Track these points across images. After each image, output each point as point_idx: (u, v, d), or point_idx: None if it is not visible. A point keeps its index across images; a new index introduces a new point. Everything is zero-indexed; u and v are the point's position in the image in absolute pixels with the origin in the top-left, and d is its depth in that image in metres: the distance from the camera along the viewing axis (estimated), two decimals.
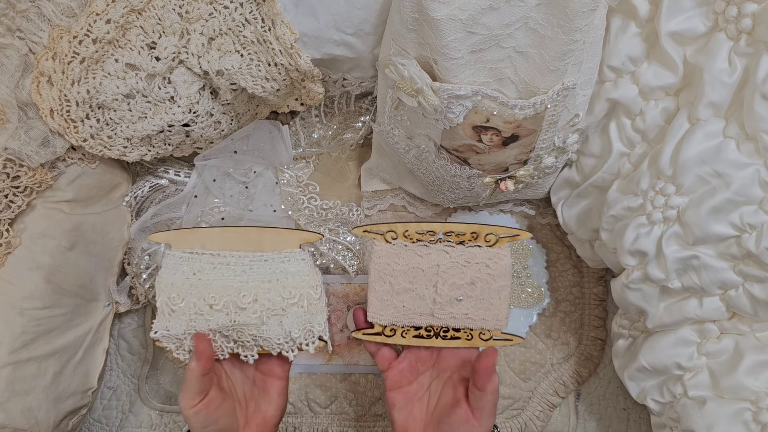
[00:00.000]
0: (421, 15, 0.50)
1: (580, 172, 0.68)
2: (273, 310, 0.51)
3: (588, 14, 0.49)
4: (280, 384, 0.55)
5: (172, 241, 0.53)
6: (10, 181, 0.58)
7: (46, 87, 0.58)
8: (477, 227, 0.51)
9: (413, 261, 0.51)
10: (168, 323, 0.52)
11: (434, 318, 0.53)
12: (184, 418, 0.51)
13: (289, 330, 0.52)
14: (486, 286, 0.51)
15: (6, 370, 0.57)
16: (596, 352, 0.78)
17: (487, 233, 0.51)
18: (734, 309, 0.54)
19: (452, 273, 0.51)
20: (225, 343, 0.53)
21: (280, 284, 0.52)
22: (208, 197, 0.78)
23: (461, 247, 0.51)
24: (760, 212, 0.49)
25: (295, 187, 0.80)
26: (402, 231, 0.52)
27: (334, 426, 0.78)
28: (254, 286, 0.52)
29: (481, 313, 0.52)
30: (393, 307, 0.52)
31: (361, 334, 0.54)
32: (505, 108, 0.54)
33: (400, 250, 0.51)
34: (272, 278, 0.52)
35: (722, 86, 0.49)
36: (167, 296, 0.52)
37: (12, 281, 0.60)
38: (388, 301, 0.52)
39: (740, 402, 0.53)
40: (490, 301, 0.52)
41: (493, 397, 0.49)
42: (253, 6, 0.56)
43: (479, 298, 0.52)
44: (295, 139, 0.78)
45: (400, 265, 0.51)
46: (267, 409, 0.55)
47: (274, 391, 0.55)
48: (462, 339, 0.53)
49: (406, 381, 0.55)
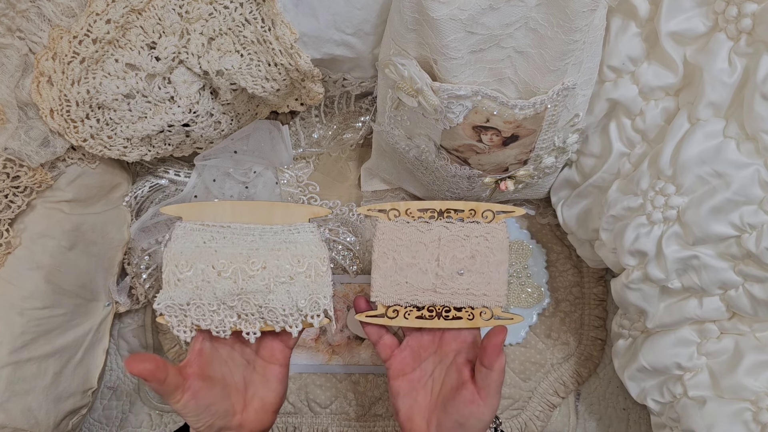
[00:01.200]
0: (421, 15, 0.50)
1: (580, 172, 0.68)
2: (280, 277, 0.53)
3: (588, 14, 0.49)
4: (280, 371, 0.55)
5: (184, 213, 0.54)
6: (10, 181, 0.58)
7: (46, 87, 0.58)
8: (474, 204, 0.55)
9: (415, 236, 0.54)
10: (173, 293, 0.52)
11: (437, 294, 0.54)
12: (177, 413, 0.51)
13: (295, 299, 0.52)
14: (485, 260, 0.54)
15: (6, 370, 0.57)
16: (596, 352, 0.78)
17: (484, 210, 0.54)
18: (734, 309, 0.54)
19: (453, 246, 0.54)
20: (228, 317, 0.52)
21: (289, 252, 0.53)
22: (208, 197, 0.78)
23: (460, 222, 0.54)
24: (760, 212, 0.49)
25: (295, 187, 0.80)
26: (404, 209, 0.55)
27: (334, 426, 0.78)
28: (263, 254, 0.53)
29: (482, 288, 0.54)
30: (396, 284, 0.54)
31: (364, 316, 0.55)
32: (505, 108, 0.54)
33: (403, 226, 0.54)
34: (281, 247, 0.53)
35: (722, 86, 0.49)
36: (175, 264, 0.52)
37: (12, 281, 0.60)
38: (392, 278, 0.54)
39: (740, 402, 0.53)
40: (490, 275, 0.54)
41: (500, 376, 0.50)
42: (253, 6, 0.56)
43: (479, 272, 0.54)
44: (295, 139, 0.78)
45: (403, 240, 0.54)
46: (266, 395, 0.55)
47: (273, 378, 0.55)
48: (464, 319, 0.54)
49: (409, 368, 0.55)
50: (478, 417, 0.50)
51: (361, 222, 0.79)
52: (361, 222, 0.79)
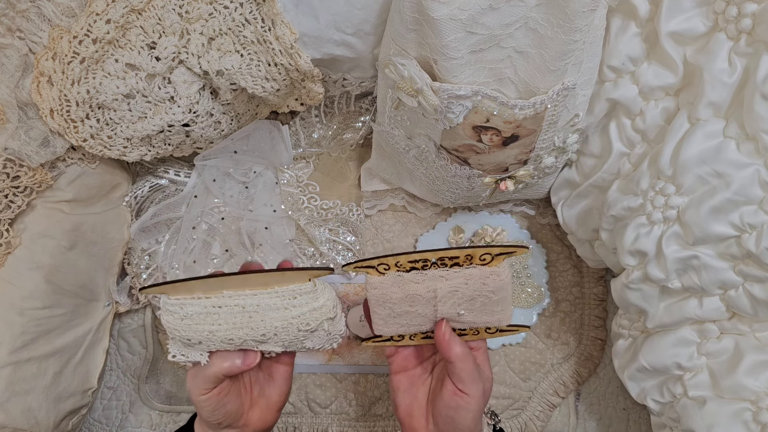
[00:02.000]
0: (421, 15, 0.50)
1: (580, 172, 0.68)
2: (293, 342, 0.51)
3: (588, 14, 0.49)
4: (285, 370, 0.56)
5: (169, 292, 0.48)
6: (10, 181, 0.58)
7: (46, 87, 0.58)
8: (470, 250, 0.48)
9: (410, 288, 0.50)
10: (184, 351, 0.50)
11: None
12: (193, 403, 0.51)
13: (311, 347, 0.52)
14: (486, 300, 0.50)
15: (6, 370, 0.58)
16: (596, 352, 0.78)
17: (482, 254, 0.49)
18: (734, 309, 0.54)
19: (450, 297, 0.50)
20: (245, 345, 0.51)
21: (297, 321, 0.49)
22: (208, 197, 0.78)
23: (457, 268, 0.50)
24: (760, 212, 0.49)
25: (295, 187, 0.80)
26: (393, 263, 0.49)
27: (334, 426, 0.78)
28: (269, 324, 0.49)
29: (485, 319, 0.52)
30: (397, 324, 0.53)
31: (371, 342, 0.55)
32: (505, 108, 0.54)
33: (395, 279, 0.50)
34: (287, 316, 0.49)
35: (722, 86, 0.49)
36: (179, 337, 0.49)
37: (12, 281, 0.60)
38: (391, 321, 0.52)
39: (740, 402, 0.53)
40: (493, 310, 0.51)
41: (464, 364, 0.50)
42: (253, 6, 0.56)
43: (481, 310, 0.51)
44: (295, 139, 0.78)
45: (397, 294, 0.50)
46: (271, 394, 0.55)
47: (279, 377, 0.56)
48: (469, 335, 0.54)
49: (411, 365, 0.56)
50: (464, 407, 0.50)
51: (361, 222, 0.79)
52: (361, 222, 0.80)
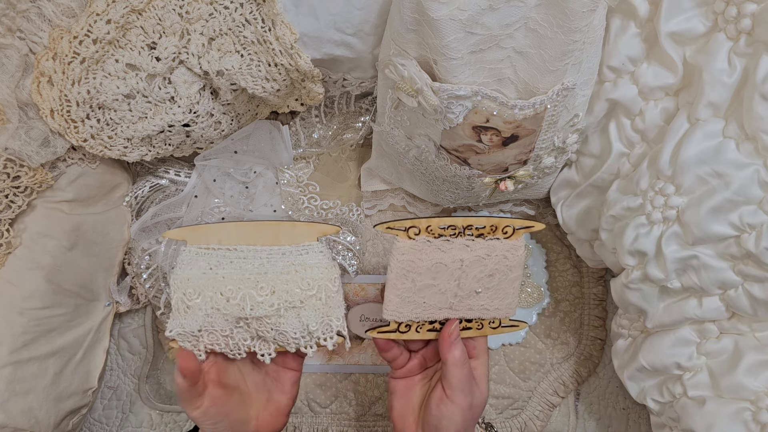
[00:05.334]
0: (421, 15, 0.50)
1: (579, 172, 0.68)
2: (291, 302, 0.51)
3: (588, 14, 0.49)
4: (293, 375, 0.55)
5: (188, 237, 0.52)
6: (11, 181, 0.58)
7: (47, 87, 0.58)
8: (495, 220, 0.52)
9: (436, 256, 0.50)
10: (183, 320, 0.51)
11: (452, 311, 0.53)
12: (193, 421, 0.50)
13: (306, 323, 0.51)
14: (503, 277, 0.52)
15: (6, 369, 0.58)
16: (596, 352, 0.78)
17: (505, 225, 0.52)
18: (734, 309, 0.54)
19: (474, 267, 0.51)
20: (242, 340, 0.52)
21: (298, 276, 0.51)
22: (208, 197, 0.78)
23: (481, 240, 0.52)
24: (759, 212, 0.49)
25: (295, 187, 0.80)
26: (425, 226, 0.50)
27: (334, 426, 0.78)
28: (272, 278, 0.51)
29: (496, 303, 0.53)
30: (413, 304, 0.52)
31: (375, 332, 0.54)
32: (505, 108, 0.54)
33: (423, 246, 0.50)
34: (290, 270, 0.51)
35: (722, 86, 0.49)
36: (182, 292, 0.51)
37: (12, 281, 0.60)
38: (409, 299, 0.51)
39: (740, 402, 0.53)
40: (506, 291, 0.53)
41: (459, 371, 0.49)
42: (253, 6, 0.56)
43: (496, 289, 0.52)
44: (295, 139, 0.78)
45: (424, 261, 0.50)
46: (280, 398, 0.55)
47: (287, 382, 0.55)
48: (473, 329, 0.54)
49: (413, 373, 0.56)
50: (448, 417, 0.50)
51: (361, 222, 0.79)
52: (361, 222, 0.80)
